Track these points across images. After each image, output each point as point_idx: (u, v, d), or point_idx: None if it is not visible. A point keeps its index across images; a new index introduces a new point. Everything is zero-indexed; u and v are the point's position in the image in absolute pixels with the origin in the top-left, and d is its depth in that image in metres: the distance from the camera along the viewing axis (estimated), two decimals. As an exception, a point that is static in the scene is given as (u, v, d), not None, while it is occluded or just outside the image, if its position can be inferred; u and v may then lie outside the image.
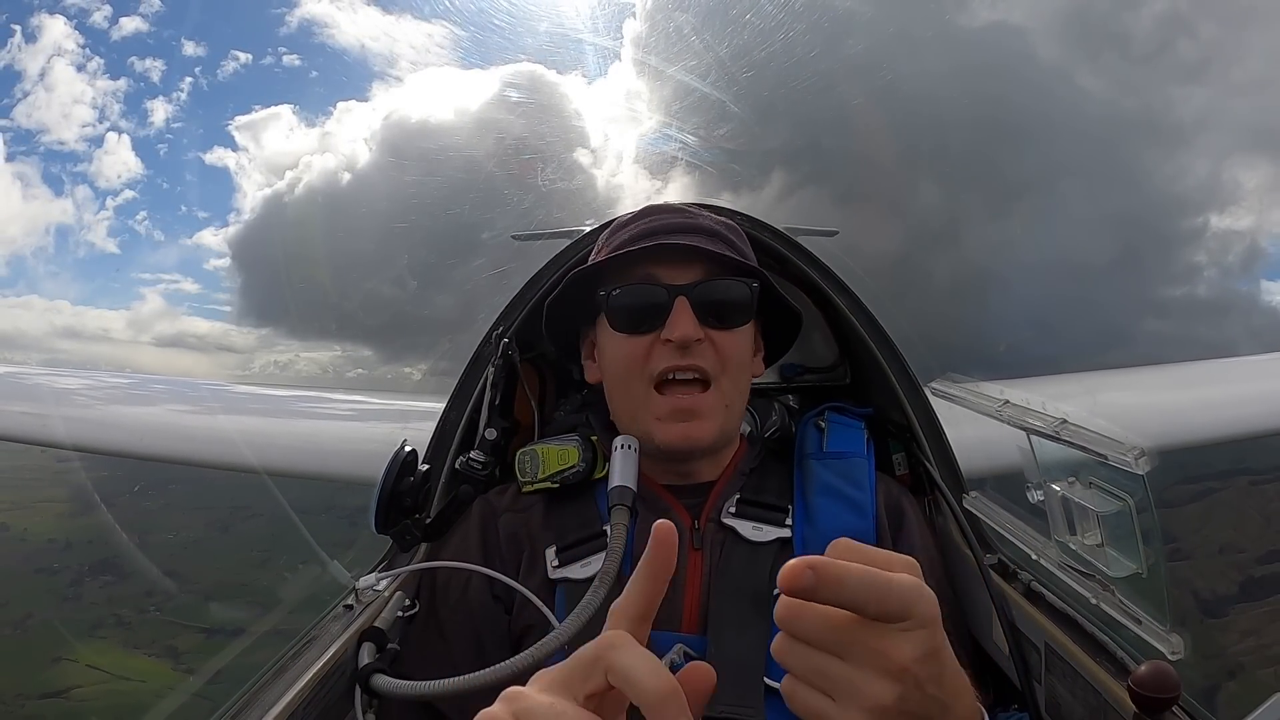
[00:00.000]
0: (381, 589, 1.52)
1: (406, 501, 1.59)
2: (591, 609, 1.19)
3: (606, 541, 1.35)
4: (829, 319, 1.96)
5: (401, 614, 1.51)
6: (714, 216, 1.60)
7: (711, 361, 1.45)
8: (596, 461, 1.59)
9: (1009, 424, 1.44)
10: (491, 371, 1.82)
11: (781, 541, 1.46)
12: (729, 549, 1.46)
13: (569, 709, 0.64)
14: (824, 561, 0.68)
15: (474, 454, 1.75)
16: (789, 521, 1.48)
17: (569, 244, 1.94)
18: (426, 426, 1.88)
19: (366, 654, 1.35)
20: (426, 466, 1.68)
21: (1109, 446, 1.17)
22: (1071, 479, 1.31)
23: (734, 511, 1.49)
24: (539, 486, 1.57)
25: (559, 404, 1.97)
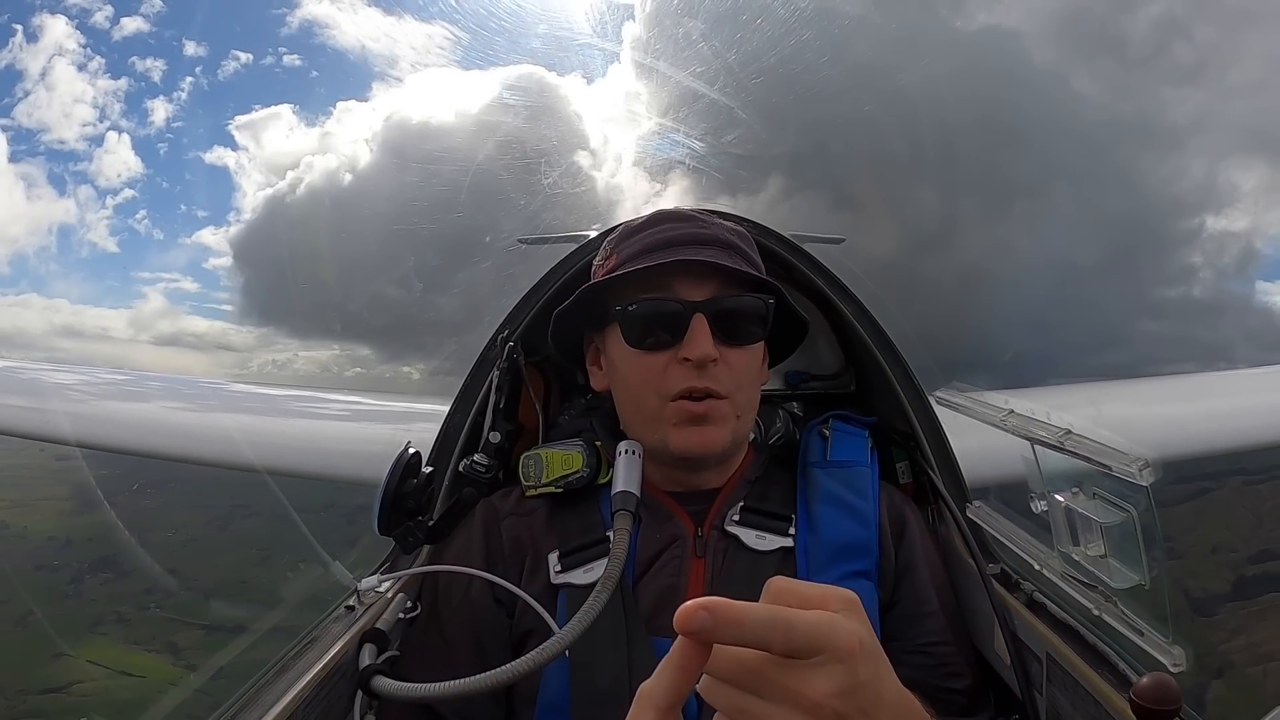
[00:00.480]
0: (383, 591, 1.52)
1: (409, 503, 1.59)
2: (592, 615, 1.19)
3: (609, 547, 1.35)
4: (834, 326, 1.96)
5: (403, 616, 1.51)
6: (725, 224, 1.58)
7: (726, 380, 1.44)
8: (600, 467, 1.58)
9: (1013, 433, 1.45)
10: (496, 375, 1.82)
11: (784, 550, 1.46)
12: (731, 557, 1.46)
13: None
14: (720, 603, 0.68)
15: (478, 457, 1.75)
16: (792, 530, 1.48)
17: (575, 248, 1.94)
18: (430, 429, 1.89)
19: (367, 655, 1.35)
20: (430, 469, 1.68)
21: (1113, 457, 1.17)
22: (1075, 489, 1.31)
23: (737, 519, 1.49)
24: (542, 490, 1.57)
25: (563, 408, 1.97)
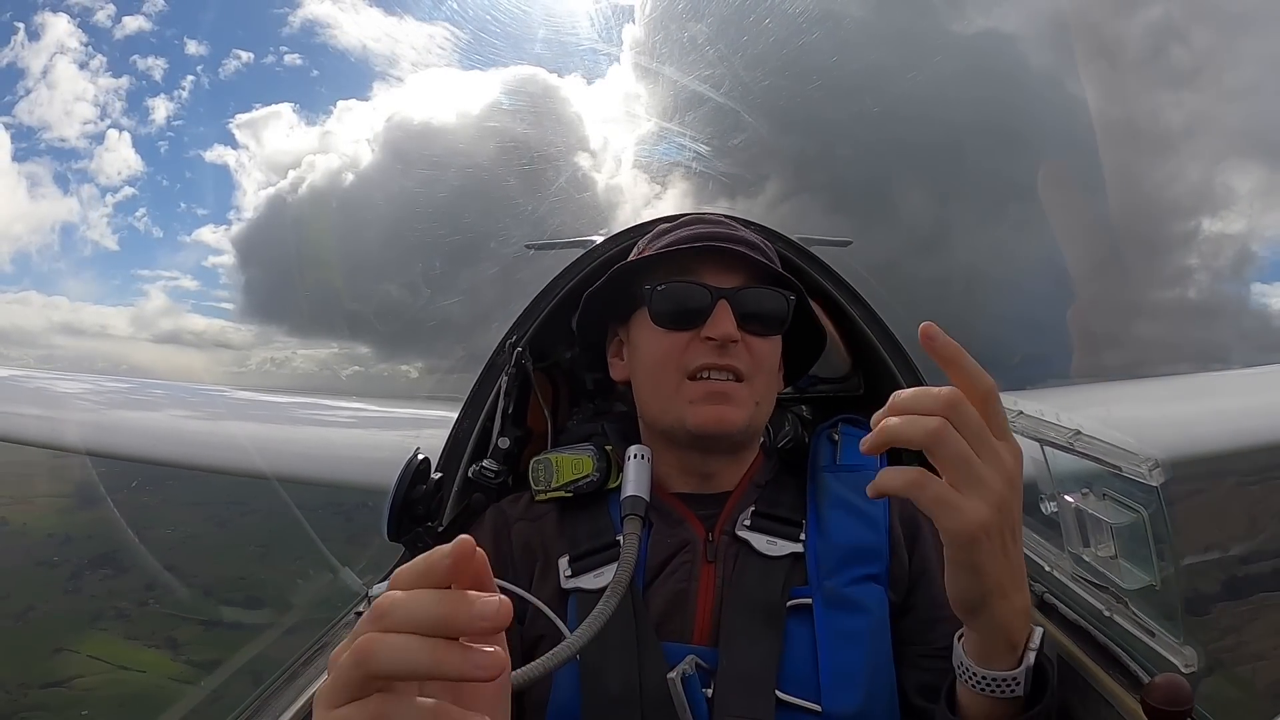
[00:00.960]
0: None
1: (419, 509, 1.59)
2: (602, 619, 1.19)
3: (619, 552, 1.36)
4: (842, 329, 1.96)
5: None
6: (750, 232, 1.63)
7: (746, 362, 1.47)
8: (611, 471, 1.58)
9: (1022, 435, 1.44)
10: (505, 380, 1.82)
11: (794, 556, 1.46)
12: (742, 562, 1.46)
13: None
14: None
15: (487, 462, 1.75)
16: (802, 536, 1.48)
17: (583, 253, 1.95)
18: (439, 435, 1.89)
19: None
20: (439, 475, 1.68)
21: (1123, 458, 1.17)
22: (1085, 490, 1.31)
23: (748, 524, 1.49)
24: (552, 495, 1.57)
25: (571, 413, 1.97)
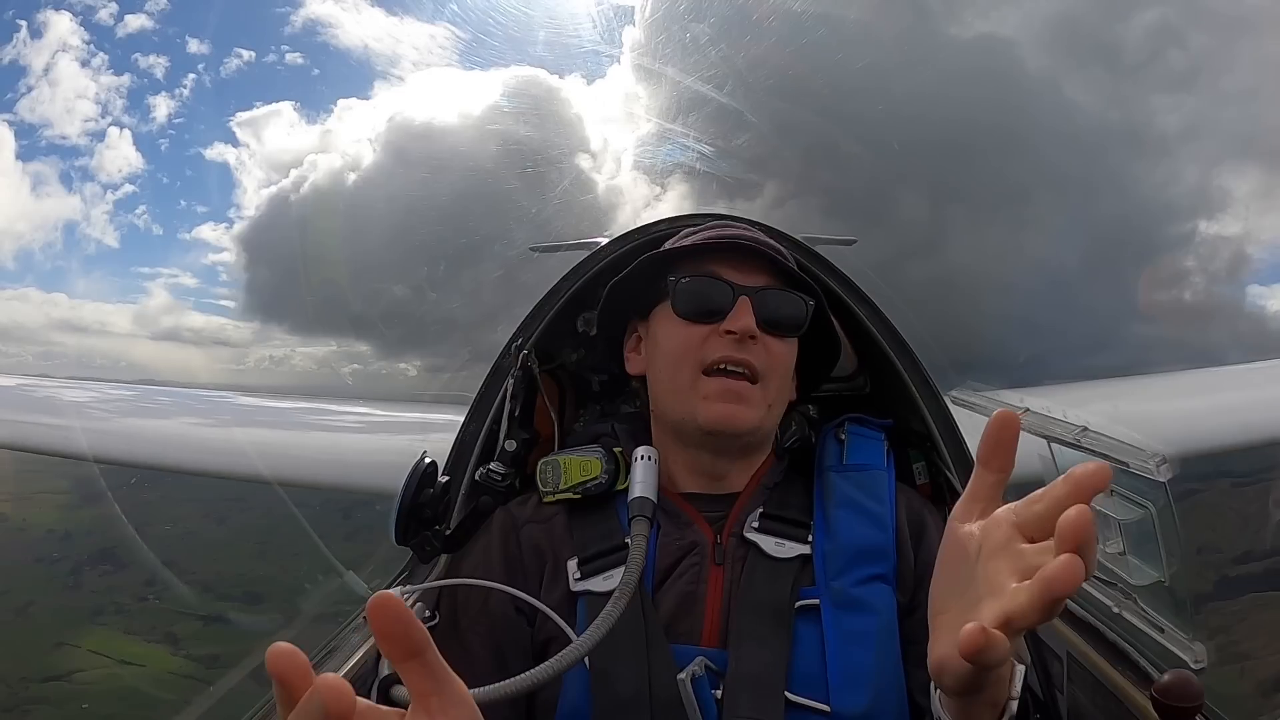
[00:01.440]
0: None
1: (426, 513, 1.59)
2: (610, 621, 1.19)
3: (627, 553, 1.36)
4: (848, 329, 1.96)
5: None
6: (776, 240, 1.67)
7: (762, 360, 1.49)
8: (619, 473, 1.58)
9: (1030, 432, 1.44)
10: (511, 383, 1.83)
11: (803, 558, 1.46)
12: (751, 564, 1.46)
13: None
14: None
15: (494, 465, 1.75)
16: (810, 537, 1.48)
17: (587, 255, 1.95)
18: (445, 438, 1.89)
19: (386, 665, 1.35)
20: (446, 478, 1.68)
21: (1130, 454, 1.17)
22: (1093, 487, 1.31)
23: (757, 526, 1.49)
24: (560, 497, 1.57)
25: (578, 415, 1.97)
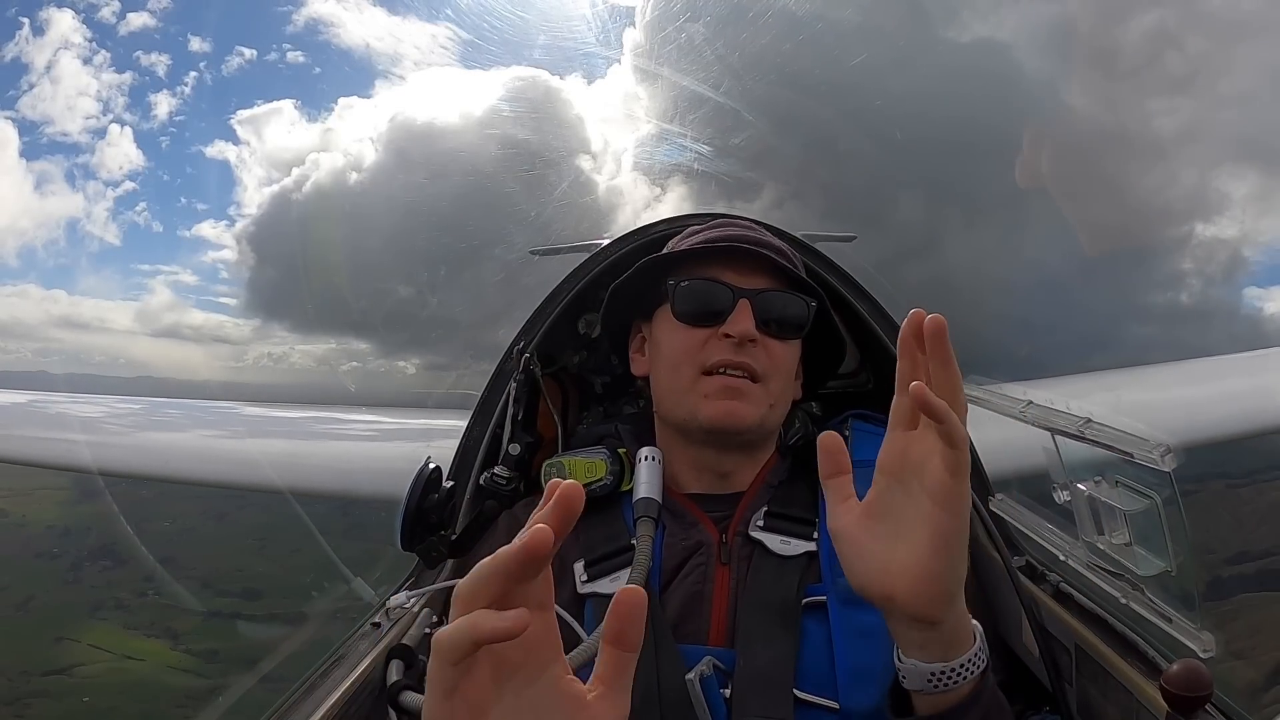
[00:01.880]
0: (409, 606, 1.53)
1: (432, 518, 1.60)
2: None
3: (634, 555, 1.36)
4: (849, 324, 1.95)
5: (429, 631, 1.51)
6: (778, 239, 1.66)
7: (763, 363, 1.49)
8: (624, 474, 1.58)
9: (1033, 425, 1.44)
10: (514, 387, 1.83)
11: (809, 555, 1.46)
12: (757, 563, 1.46)
13: None
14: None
15: (498, 469, 1.75)
16: (815, 535, 1.48)
17: (588, 257, 1.95)
18: (449, 444, 1.89)
19: (395, 671, 1.36)
20: (451, 483, 1.69)
21: (1134, 444, 1.16)
22: (1097, 478, 1.30)
23: (762, 525, 1.49)
24: None
25: (581, 417, 1.97)
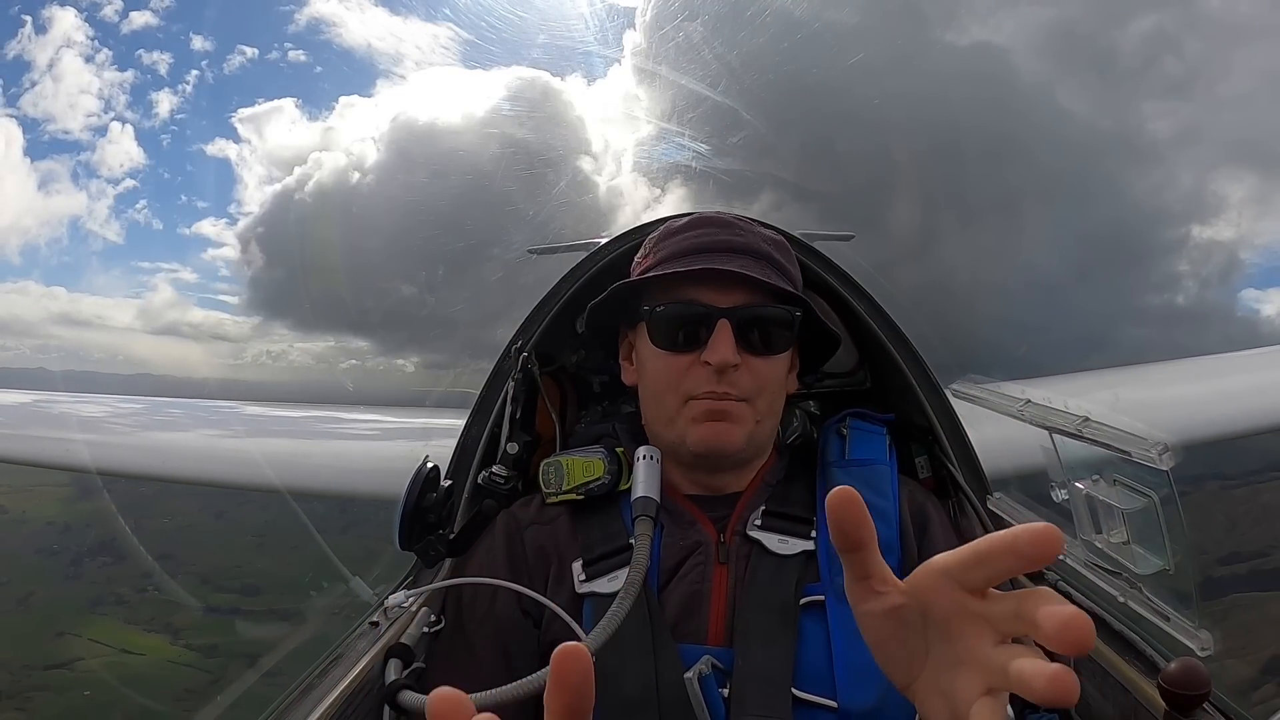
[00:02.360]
0: (407, 605, 1.53)
1: (430, 517, 1.59)
2: (616, 621, 1.19)
3: (632, 554, 1.36)
4: (847, 324, 1.95)
5: (427, 630, 1.51)
6: (764, 233, 1.59)
7: (747, 386, 1.46)
8: (622, 473, 1.58)
9: (1031, 424, 1.44)
10: (512, 386, 1.82)
11: (807, 554, 1.46)
12: (755, 562, 1.45)
13: None
14: None
15: (496, 468, 1.75)
16: (814, 533, 1.48)
17: (586, 256, 1.95)
18: (447, 443, 1.89)
19: (393, 670, 1.35)
20: (449, 482, 1.68)
21: (1132, 443, 1.16)
22: (1095, 477, 1.31)
23: (759, 524, 1.49)
24: (564, 498, 1.57)
25: (579, 416, 1.97)
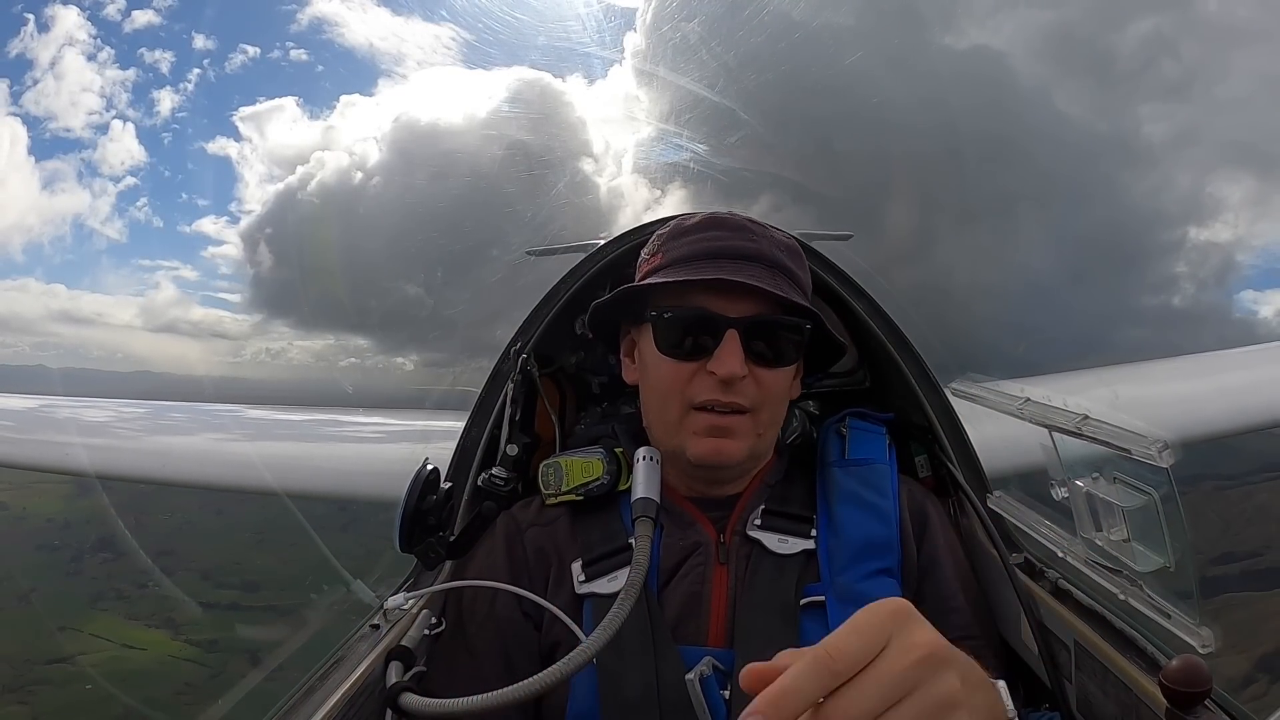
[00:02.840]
0: (408, 608, 1.53)
1: (430, 520, 1.59)
2: (617, 623, 1.19)
3: (632, 555, 1.36)
4: (846, 323, 1.95)
5: (428, 632, 1.51)
6: (777, 239, 1.55)
7: (752, 397, 1.44)
8: (621, 474, 1.58)
9: (1030, 422, 1.44)
10: (511, 387, 1.82)
11: (807, 553, 1.46)
12: (755, 562, 1.45)
13: None
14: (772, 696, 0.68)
15: (496, 470, 1.75)
16: (813, 532, 1.48)
17: (584, 257, 1.95)
18: (448, 445, 1.89)
19: (394, 673, 1.35)
20: (449, 484, 1.68)
21: (1132, 441, 1.16)
22: (1095, 475, 1.31)
23: (759, 524, 1.49)
24: (563, 498, 1.57)
25: (579, 417, 1.97)
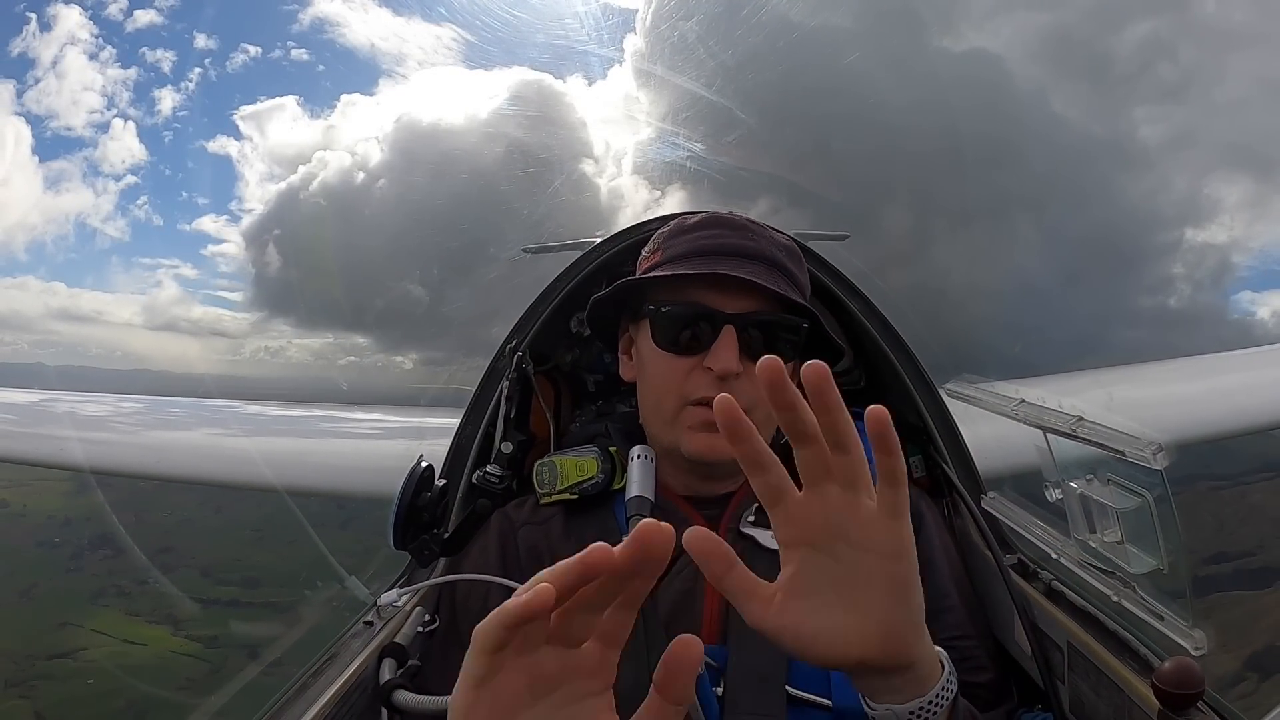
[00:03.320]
0: (401, 605, 1.53)
1: (424, 517, 1.59)
2: None
3: None
4: (842, 323, 1.95)
5: (421, 629, 1.51)
6: (776, 239, 1.56)
7: (748, 394, 1.40)
8: (615, 472, 1.58)
9: (1025, 423, 1.44)
10: (506, 385, 1.82)
11: None
12: (749, 558, 1.44)
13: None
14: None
15: (490, 468, 1.75)
16: None
17: (580, 255, 1.95)
18: (442, 443, 1.89)
19: (388, 670, 1.35)
20: (443, 481, 1.68)
21: (1126, 443, 1.17)
22: (1089, 476, 1.31)
23: (753, 520, 1.48)
24: (557, 498, 1.57)
25: (574, 416, 1.96)
